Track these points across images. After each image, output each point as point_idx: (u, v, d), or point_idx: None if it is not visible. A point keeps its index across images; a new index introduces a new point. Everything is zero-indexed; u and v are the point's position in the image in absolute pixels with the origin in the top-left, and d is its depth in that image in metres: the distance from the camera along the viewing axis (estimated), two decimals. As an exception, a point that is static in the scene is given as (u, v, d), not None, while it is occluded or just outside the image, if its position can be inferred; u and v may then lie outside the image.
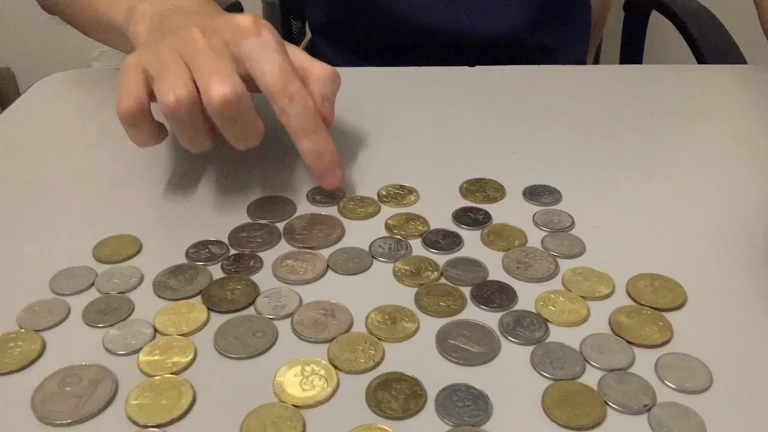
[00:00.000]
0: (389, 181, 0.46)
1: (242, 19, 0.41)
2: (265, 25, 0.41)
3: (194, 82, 0.39)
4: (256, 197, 0.44)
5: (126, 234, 0.41)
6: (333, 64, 0.45)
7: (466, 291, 0.36)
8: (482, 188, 0.45)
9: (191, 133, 0.40)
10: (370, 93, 0.58)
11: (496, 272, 0.38)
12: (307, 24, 0.93)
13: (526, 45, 0.75)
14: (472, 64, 0.63)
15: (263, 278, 0.37)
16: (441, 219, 0.42)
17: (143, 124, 0.40)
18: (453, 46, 0.73)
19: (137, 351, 0.33)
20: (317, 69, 0.43)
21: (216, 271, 0.38)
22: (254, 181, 0.46)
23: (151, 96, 0.40)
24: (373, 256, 0.39)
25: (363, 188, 0.45)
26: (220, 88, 0.38)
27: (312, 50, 0.85)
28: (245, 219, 0.42)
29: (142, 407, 0.30)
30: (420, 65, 0.63)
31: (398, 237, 0.40)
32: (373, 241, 0.40)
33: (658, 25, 0.97)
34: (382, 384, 0.31)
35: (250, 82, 0.40)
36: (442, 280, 0.37)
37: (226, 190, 0.45)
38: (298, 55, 0.44)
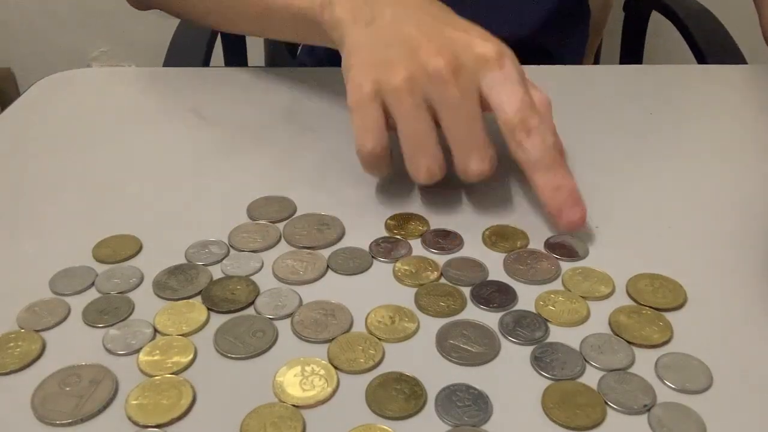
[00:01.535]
0: (388, 183, 0.46)
1: (484, 47, 0.39)
2: (508, 56, 0.40)
3: (441, 147, 0.39)
4: (256, 197, 0.44)
5: (126, 234, 0.41)
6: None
7: (466, 291, 0.36)
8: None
9: (433, 184, 0.40)
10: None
11: (496, 272, 0.38)
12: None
13: (525, 50, 0.75)
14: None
15: (263, 278, 0.37)
16: (441, 219, 0.42)
17: (383, 162, 0.41)
18: None
19: (137, 351, 0.33)
20: (538, 98, 0.41)
21: (216, 271, 0.38)
22: (254, 181, 0.46)
23: (387, 127, 0.40)
24: (373, 256, 0.39)
25: (363, 188, 0.45)
26: (479, 167, 0.39)
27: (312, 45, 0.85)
28: (245, 219, 0.42)
29: (142, 407, 0.30)
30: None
31: (398, 237, 0.40)
32: (373, 241, 0.40)
33: (658, 25, 0.97)
34: (382, 384, 0.31)
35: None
36: (442, 280, 0.37)
37: (226, 190, 0.45)
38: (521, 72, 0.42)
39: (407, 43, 0.39)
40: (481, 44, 0.39)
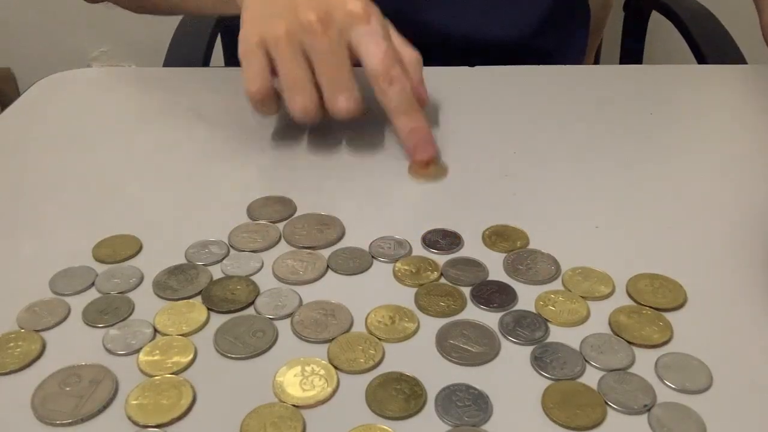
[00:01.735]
0: (388, 183, 0.46)
1: (353, 5, 0.44)
2: (373, 12, 0.45)
3: (317, 86, 0.44)
4: (256, 197, 0.44)
5: (126, 234, 0.41)
6: None
7: (466, 291, 0.36)
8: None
9: (309, 122, 0.46)
10: (369, 92, 0.57)
11: (496, 272, 0.38)
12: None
13: (526, 51, 0.75)
14: (472, 65, 0.63)
15: (263, 278, 0.37)
16: (441, 219, 0.42)
17: (270, 102, 0.46)
18: (452, 49, 0.73)
19: (137, 351, 0.33)
20: (408, 54, 0.48)
21: (216, 271, 0.38)
22: (254, 181, 0.46)
23: (273, 72, 0.45)
24: (373, 256, 0.39)
25: (363, 188, 0.45)
26: (345, 104, 0.44)
27: None
28: (245, 219, 0.42)
29: (142, 407, 0.30)
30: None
31: (398, 237, 0.40)
32: (373, 241, 0.40)
33: (658, 25, 0.97)
34: (382, 384, 0.31)
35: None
36: (442, 280, 0.37)
37: (226, 190, 0.45)
38: (393, 37, 0.47)
39: (289, 2, 0.45)
40: (351, 2, 0.45)
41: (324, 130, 0.52)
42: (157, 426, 0.29)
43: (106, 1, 0.67)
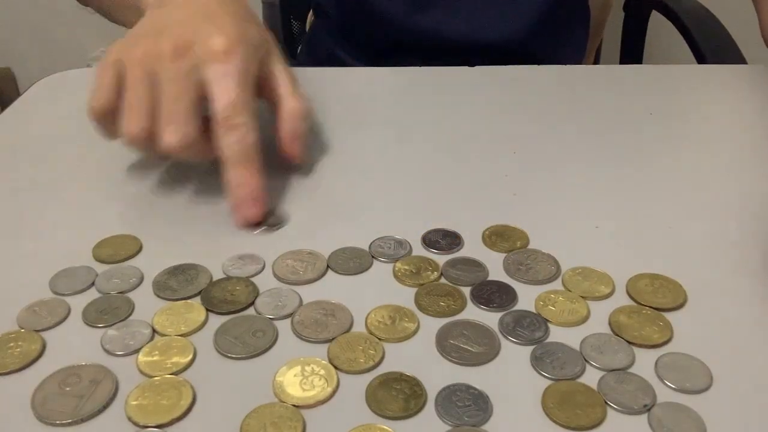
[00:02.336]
0: (388, 183, 0.46)
1: (218, 42, 0.41)
2: (238, 54, 0.42)
3: (152, 117, 0.41)
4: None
5: (126, 234, 0.41)
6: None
7: (466, 291, 0.36)
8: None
9: (144, 153, 0.44)
10: (370, 92, 0.58)
11: (496, 272, 0.38)
12: (308, 18, 0.93)
13: (525, 51, 0.75)
14: (472, 65, 0.63)
15: (263, 278, 0.37)
16: (441, 219, 0.42)
17: (109, 123, 0.43)
18: (452, 51, 0.73)
19: (136, 351, 0.33)
20: (290, 105, 0.45)
21: (216, 271, 0.38)
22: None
23: (121, 93, 0.43)
24: (373, 256, 0.39)
25: (363, 189, 0.45)
26: (171, 138, 0.40)
27: (312, 39, 0.85)
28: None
29: (142, 407, 0.30)
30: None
31: (398, 237, 0.40)
32: (373, 241, 0.40)
33: (658, 25, 0.97)
34: (382, 384, 0.31)
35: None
36: (442, 280, 0.37)
37: (227, 190, 0.45)
38: (282, 83, 0.45)
39: (162, 27, 0.43)
40: (217, 38, 0.42)
41: (323, 130, 0.52)
42: (157, 426, 0.29)
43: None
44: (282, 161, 0.45)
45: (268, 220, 0.42)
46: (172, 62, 0.41)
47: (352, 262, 0.38)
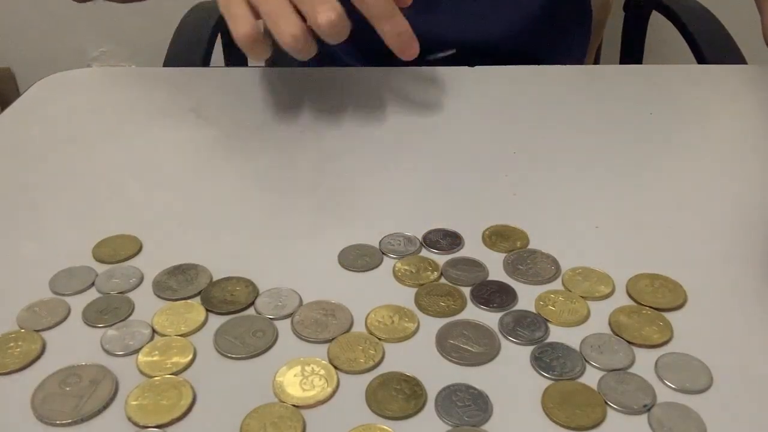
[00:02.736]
0: (387, 182, 0.46)
1: None
2: None
3: (298, 11, 0.44)
4: (257, 196, 0.44)
5: (126, 234, 0.41)
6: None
7: (466, 291, 0.36)
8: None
9: (301, 53, 0.46)
10: (369, 92, 0.57)
11: (496, 272, 0.38)
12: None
13: (526, 51, 0.74)
14: (472, 65, 0.63)
15: (263, 278, 0.37)
16: (441, 219, 0.42)
17: (260, 43, 0.46)
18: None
19: (136, 352, 0.33)
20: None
21: (216, 272, 0.38)
22: (254, 181, 0.46)
23: (256, 14, 0.45)
24: (383, 253, 0.39)
25: (363, 189, 0.45)
26: (326, 16, 0.44)
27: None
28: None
29: (142, 408, 0.30)
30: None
31: (408, 234, 0.40)
32: (383, 238, 0.40)
33: (658, 25, 0.97)
34: (382, 384, 0.31)
35: None
36: (442, 280, 0.37)
37: (227, 190, 0.45)
38: None
39: None
40: None
41: (324, 130, 0.52)
42: (157, 426, 0.29)
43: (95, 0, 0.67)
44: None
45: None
46: None
47: (361, 259, 0.38)
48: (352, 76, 0.60)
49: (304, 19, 0.45)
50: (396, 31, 0.47)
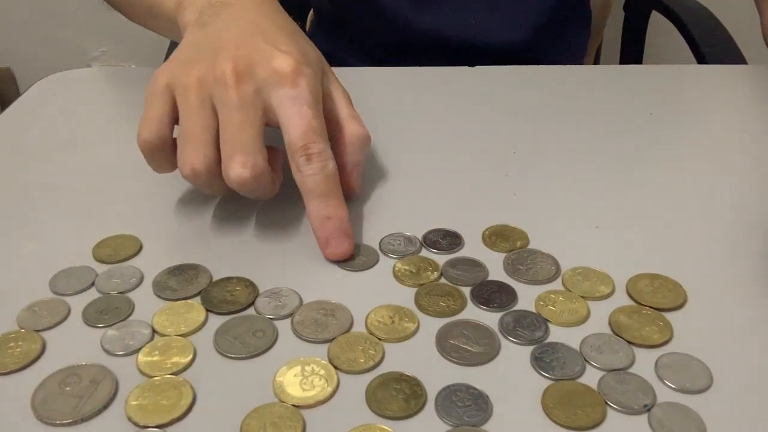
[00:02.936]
0: (388, 183, 0.46)
1: (282, 62, 0.38)
2: (306, 75, 0.39)
3: (216, 147, 0.38)
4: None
5: (126, 234, 0.41)
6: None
7: (466, 291, 0.36)
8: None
9: (205, 189, 0.40)
10: (369, 92, 0.57)
11: (496, 272, 0.38)
12: (308, 16, 0.93)
13: (526, 52, 0.75)
14: (472, 65, 0.63)
15: (263, 278, 0.37)
16: (441, 219, 0.42)
17: (161, 156, 0.40)
18: (452, 52, 0.73)
19: (135, 352, 0.33)
20: (351, 130, 0.42)
21: (216, 272, 0.38)
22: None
23: (175, 122, 0.40)
24: (383, 253, 0.39)
25: (364, 189, 0.45)
26: (240, 171, 0.37)
27: (312, 39, 0.84)
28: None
29: (142, 408, 0.30)
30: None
31: (408, 234, 0.40)
32: (383, 238, 0.40)
33: (658, 25, 0.97)
34: (382, 384, 0.31)
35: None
36: (442, 280, 0.37)
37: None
38: (340, 104, 0.42)
39: (216, 47, 0.40)
40: (281, 59, 0.39)
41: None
42: (157, 426, 0.29)
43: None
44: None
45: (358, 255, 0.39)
46: (233, 87, 0.38)
47: (358, 259, 0.38)
48: (352, 76, 0.60)
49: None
50: (323, 214, 0.38)
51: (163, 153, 0.40)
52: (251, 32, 0.41)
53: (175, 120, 0.40)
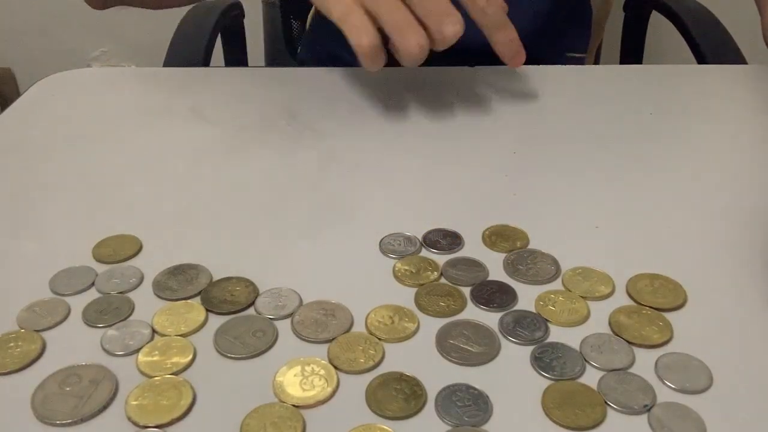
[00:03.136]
0: (387, 182, 0.46)
1: None
2: None
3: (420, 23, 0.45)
4: (257, 196, 0.44)
5: (126, 234, 0.41)
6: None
7: (466, 291, 0.36)
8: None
9: (414, 63, 0.46)
10: (370, 92, 0.57)
11: (496, 272, 0.38)
12: (308, 18, 0.92)
13: (526, 51, 0.74)
14: (472, 65, 0.63)
15: (263, 278, 0.37)
16: (441, 219, 0.42)
17: (382, 52, 0.46)
18: (452, 52, 0.73)
19: (135, 352, 0.33)
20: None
21: (216, 272, 0.38)
22: (255, 180, 0.46)
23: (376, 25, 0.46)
24: (384, 253, 0.39)
25: (364, 190, 0.45)
26: (452, 29, 0.45)
27: (312, 38, 0.84)
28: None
29: (142, 408, 0.30)
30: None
31: (408, 234, 0.40)
32: (383, 238, 0.40)
33: (658, 25, 0.97)
34: (382, 384, 0.31)
35: None
36: (442, 280, 0.37)
37: (227, 190, 0.45)
38: None
39: None
40: None
41: (324, 130, 0.52)
42: (157, 426, 0.29)
43: (118, 6, 0.66)
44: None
45: None
46: None
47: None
48: (352, 76, 0.60)
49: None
50: (507, 39, 0.49)
51: (380, 51, 0.47)
52: None
53: (377, 25, 0.46)
